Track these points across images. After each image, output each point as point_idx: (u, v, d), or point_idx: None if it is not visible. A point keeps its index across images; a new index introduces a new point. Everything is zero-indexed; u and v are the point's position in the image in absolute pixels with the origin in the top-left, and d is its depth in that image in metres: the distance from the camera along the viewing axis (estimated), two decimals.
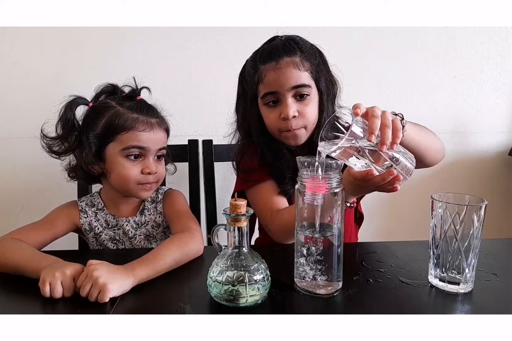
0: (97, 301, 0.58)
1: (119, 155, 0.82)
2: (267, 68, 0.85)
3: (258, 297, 0.57)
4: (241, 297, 0.56)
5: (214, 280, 0.57)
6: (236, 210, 0.56)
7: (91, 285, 0.59)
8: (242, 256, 0.58)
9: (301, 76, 0.84)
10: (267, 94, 0.86)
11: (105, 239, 0.90)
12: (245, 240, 0.58)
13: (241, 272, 0.56)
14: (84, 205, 0.91)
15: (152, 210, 0.92)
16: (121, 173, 0.83)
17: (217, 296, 0.57)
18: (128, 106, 0.83)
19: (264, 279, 0.57)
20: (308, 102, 0.86)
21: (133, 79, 0.89)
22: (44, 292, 0.59)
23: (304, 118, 0.86)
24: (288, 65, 0.83)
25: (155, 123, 0.85)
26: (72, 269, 0.62)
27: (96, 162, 0.83)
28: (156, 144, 0.84)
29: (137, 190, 0.85)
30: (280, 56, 0.84)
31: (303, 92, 0.85)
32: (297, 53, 0.85)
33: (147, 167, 0.83)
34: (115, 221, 0.90)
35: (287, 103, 0.84)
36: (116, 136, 0.81)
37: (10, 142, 1.36)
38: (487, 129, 1.49)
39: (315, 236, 0.59)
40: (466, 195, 0.62)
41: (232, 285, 0.56)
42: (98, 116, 0.82)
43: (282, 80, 0.83)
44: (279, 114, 0.86)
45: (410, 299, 0.60)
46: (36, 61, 1.32)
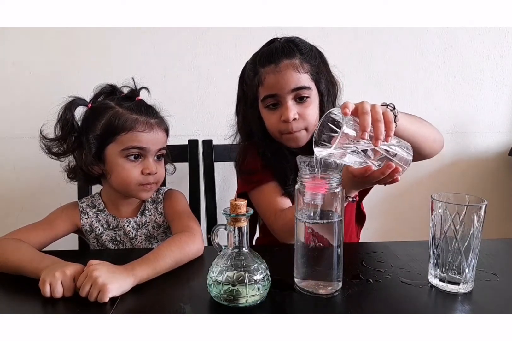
0: (97, 301, 0.58)
1: (119, 156, 0.82)
2: (267, 71, 0.85)
3: (258, 297, 0.57)
4: (241, 297, 0.56)
5: (214, 280, 0.57)
6: (236, 210, 0.56)
7: (90, 285, 0.59)
8: (242, 256, 0.58)
9: (300, 78, 0.84)
10: (267, 97, 0.86)
11: (106, 239, 0.90)
12: (245, 240, 0.58)
13: (241, 272, 0.56)
14: (84, 206, 0.90)
15: (152, 210, 0.92)
16: (121, 174, 0.82)
17: (217, 296, 0.57)
18: (128, 107, 0.83)
19: (264, 279, 0.57)
20: (308, 104, 0.86)
21: (132, 80, 0.88)
22: (45, 292, 0.59)
23: (305, 120, 0.86)
24: (287, 68, 0.83)
25: (154, 124, 0.85)
26: (72, 269, 0.61)
27: (96, 163, 0.83)
28: (156, 145, 0.84)
29: (138, 190, 0.85)
30: (279, 59, 0.84)
31: (303, 94, 0.85)
32: (297, 55, 0.85)
33: (147, 168, 0.83)
34: (116, 222, 0.90)
35: (287, 106, 0.84)
36: (116, 137, 0.81)
37: (10, 142, 1.36)
38: (487, 129, 1.49)
39: (316, 218, 0.58)
40: (466, 195, 0.62)
41: (232, 285, 0.56)
42: (98, 117, 0.82)
43: (282, 83, 0.83)
44: (279, 116, 0.86)
45: (410, 299, 0.60)
46: (36, 61, 1.32)
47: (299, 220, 0.60)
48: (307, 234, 0.59)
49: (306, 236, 0.60)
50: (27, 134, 1.35)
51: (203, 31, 1.32)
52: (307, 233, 0.59)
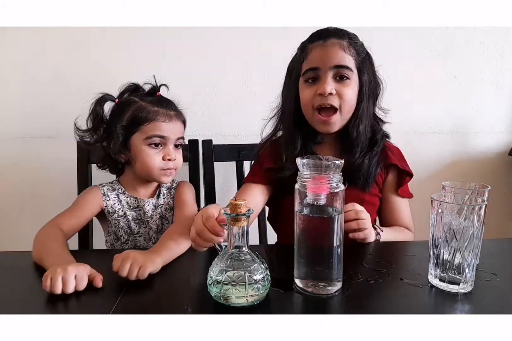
0: (138, 278, 0.64)
1: (143, 144, 0.92)
2: (314, 46, 0.87)
3: (258, 297, 0.57)
4: (241, 297, 0.56)
5: (214, 280, 0.57)
6: (236, 209, 0.56)
7: (130, 264, 0.64)
8: (242, 256, 0.58)
9: (345, 57, 0.85)
10: (309, 70, 0.87)
11: (128, 219, 0.97)
12: (245, 239, 0.58)
13: (241, 272, 0.56)
14: (105, 189, 0.98)
15: (166, 194, 1.01)
16: (145, 160, 0.92)
17: (217, 296, 0.57)
18: (150, 101, 0.94)
19: (264, 279, 0.57)
20: (347, 85, 0.86)
21: (153, 77, 0.98)
22: (45, 286, 0.61)
23: (341, 98, 0.86)
24: (334, 44, 0.85)
25: (173, 115, 0.95)
26: (74, 267, 0.63)
27: (123, 151, 0.94)
28: (175, 134, 0.94)
29: (160, 175, 0.94)
30: (329, 36, 0.86)
31: (344, 73, 0.85)
32: (346, 38, 0.86)
33: (167, 154, 0.93)
34: (137, 202, 0.98)
35: (326, 80, 0.85)
36: (140, 127, 0.91)
37: (10, 142, 1.36)
38: (487, 129, 1.49)
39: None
40: (466, 192, 0.62)
41: (232, 284, 0.56)
42: (124, 110, 0.93)
43: (326, 57, 0.85)
44: (316, 90, 0.86)
45: (410, 299, 0.60)
46: (36, 61, 1.32)
47: (299, 217, 0.60)
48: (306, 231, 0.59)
49: (305, 235, 0.60)
50: (27, 134, 1.35)
51: (203, 31, 1.32)
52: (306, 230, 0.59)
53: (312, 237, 0.59)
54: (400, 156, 1.00)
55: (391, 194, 0.98)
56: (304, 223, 0.59)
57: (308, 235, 0.60)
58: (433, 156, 1.49)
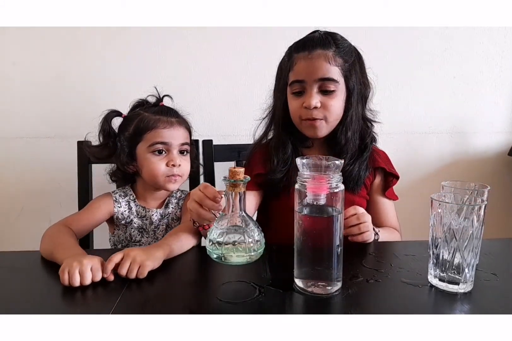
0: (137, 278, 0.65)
1: (147, 152, 0.94)
2: (299, 56, 0.87)
3: (256, 255, 0.61)
4: (241, 256, 0.60)
5: (216, 242, 0.60)
6: (235, 176, 0.60)
7: (129, 263, 0.65)
8: (240, 218, 0.62)
9: (330, 70, 0.85)
10: (295, 82, 0.88)
11: (133, 227, 1.00)
12: (243, 204, 0.62)
13: (240, 233, 0.60)
14: (117, 196, 1.01)
15: (174, 204, 1.03)
16: (150, 167, 0.94)
17: (218, 257, 0.61)
18: (152, 111, 0.97)
19: (260, 237, 0.62)
20: (333, 97, 0.87)
21: (155, 89, 1.01)
22: (63, 279, 0.63)
23: (326, 110, 0.87)
24: (319, 56, 0.85)
25: (175, 122, 0.97)
26: (89, 259, 0.65)
27: (130, 162, 0.97)
28: (177, 140, 0.95)
29: (165, 182, 0.95)
30: (313, 47, 0.86)
31: (329, 88, 0.86)
32: (331, 48, 0.86)
33: (171, 160, 0.95)
34: (145, 212, 1.01)
35: (311, 94, 0.86)
36: (143, 136, 0.94)
37: (10, 142, 1.36)
38: (487, 129, 1.49)
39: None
40: (466, 192, 0.62)
41: (233, 244, 0.59)
42: (129, 123, 0.97)
43: (310, 70, 0.85)
44: (302, 102, 0.88)
45: (410, 299, 0.60)
46: (36, 61, 1.32)
47: (298, 216, 0.60)
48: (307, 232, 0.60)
49: (305, 235, 0.60)
50: (27, 134, 1.35)
51: (203, 31, 1.32)
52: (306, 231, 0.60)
53: (312, 237, 0.60)
54: (386, 159, 1.03)
55: (379, 195, 1.00)
56: (304, 223, 0.60)
57: (308, 235, 0.60)
58: (433, 156, 1.49)
